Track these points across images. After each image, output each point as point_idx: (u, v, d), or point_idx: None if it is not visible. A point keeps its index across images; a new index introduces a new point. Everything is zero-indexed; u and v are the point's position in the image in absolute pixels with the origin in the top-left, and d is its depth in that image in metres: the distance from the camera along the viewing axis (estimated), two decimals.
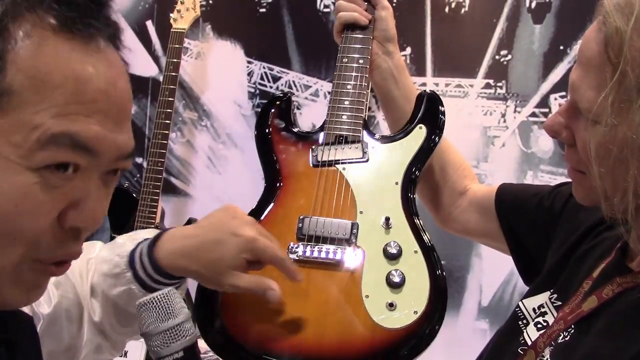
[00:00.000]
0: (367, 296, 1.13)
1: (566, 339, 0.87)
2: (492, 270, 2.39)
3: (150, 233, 1.04)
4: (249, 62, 2.72)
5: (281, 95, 1.36)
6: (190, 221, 2.43)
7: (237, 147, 2.74)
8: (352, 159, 1.24)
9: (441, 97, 2.46)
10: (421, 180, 1.28)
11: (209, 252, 0.98)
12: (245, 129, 2.72)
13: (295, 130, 1.31)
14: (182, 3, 2.49)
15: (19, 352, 0.70)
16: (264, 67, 2.70)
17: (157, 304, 0.73)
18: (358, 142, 1.25)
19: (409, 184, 1.22)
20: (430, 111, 1.29)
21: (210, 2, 2.76)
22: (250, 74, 2.71)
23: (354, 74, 1.29)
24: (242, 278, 1.00)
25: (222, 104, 2.76)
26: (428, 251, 1.16)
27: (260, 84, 2.71)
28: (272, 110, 1.33)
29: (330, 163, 1.24)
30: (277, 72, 2.69)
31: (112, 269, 0.99)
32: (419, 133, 1.26)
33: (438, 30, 2.49)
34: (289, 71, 2.68)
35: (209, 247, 0.98)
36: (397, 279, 1.13)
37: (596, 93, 0.80)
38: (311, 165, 1.25)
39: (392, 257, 1.15)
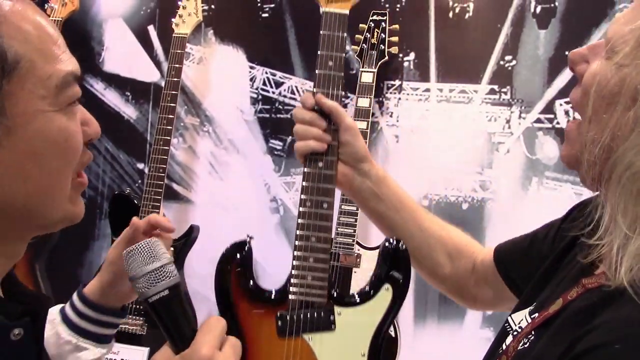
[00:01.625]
0: None
1: (525, 345, 0.86)
2: None
3: None
4: (251, 67, 2.70)
5: (240, 244, 1.26)
6: (192, 228, 2.41)
7: (239, 152, 2.72)
8: (319, 327, 1.22)
9: (445, 102, 2.47)
10: (436, 281, 1.27)
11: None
12: (248, 135, 2.70)
13: (260, 292, 1.25)
14: (184, 8, 2.48)
15: (41, 325, 0.79)
16: (266, 73, 2.68)
17: (141, 249, 0.80)
18: (324, 308, 1.22)
19: (375, 353, 1.21)
20: (396, 269, 1.24)
21: (213, 7, 2.74)
22: (252, 79, 2.70)
23: (318, 223, 1.23)
24: None
25: (224, 110, 2.74)
26: None
27: (262, 89, 2.69)
28: (234, 267, 1.25)
29: (298, 332, 1.21)
30: (280, 77, 2.68)
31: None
32: (385, 295, 1.23)
33: (442, 36, 2.47)
34: (291, 76, 2.66)
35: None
36: None
37: (628, 29, 0.80)
38: (277, 334, 1.22)
39: None
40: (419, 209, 1.31)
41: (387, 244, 1.24)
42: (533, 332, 0.87)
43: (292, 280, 1.23)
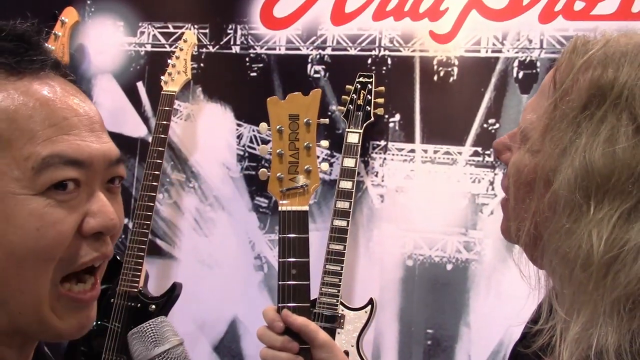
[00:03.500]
0: None
1: None
2: (481, 340, 2.35)
3: None
4: (238, 125, 2.73)
5: None
6: (175, 286, 2.38)
7: (224, 209, 2.72)
8: None
9: (430, 163, 2.49)
10: None
11: None
12: (233, 192, 2.70)
13: None
14: (173, 66, 2.51)
15: None
16: (253, 130, 2.70)
17: (145, 332, 0.75)
18: None
19: None
20: None
21: (202, 65, 2.78)
22: (239, 136, 2.72)
23: None
24: None
25: (210, 166, 2.75)
26: None
27: (249, 146, 2.71)
28: None
29: None
30: (267, 135, 2.69)
31: None
32: None
33: (427, 98, 2.51)
34: None
35: None
36: None
37: (535, 116, 0.81)
38: None
39: None
40: None
41: None
42: None
43: None
